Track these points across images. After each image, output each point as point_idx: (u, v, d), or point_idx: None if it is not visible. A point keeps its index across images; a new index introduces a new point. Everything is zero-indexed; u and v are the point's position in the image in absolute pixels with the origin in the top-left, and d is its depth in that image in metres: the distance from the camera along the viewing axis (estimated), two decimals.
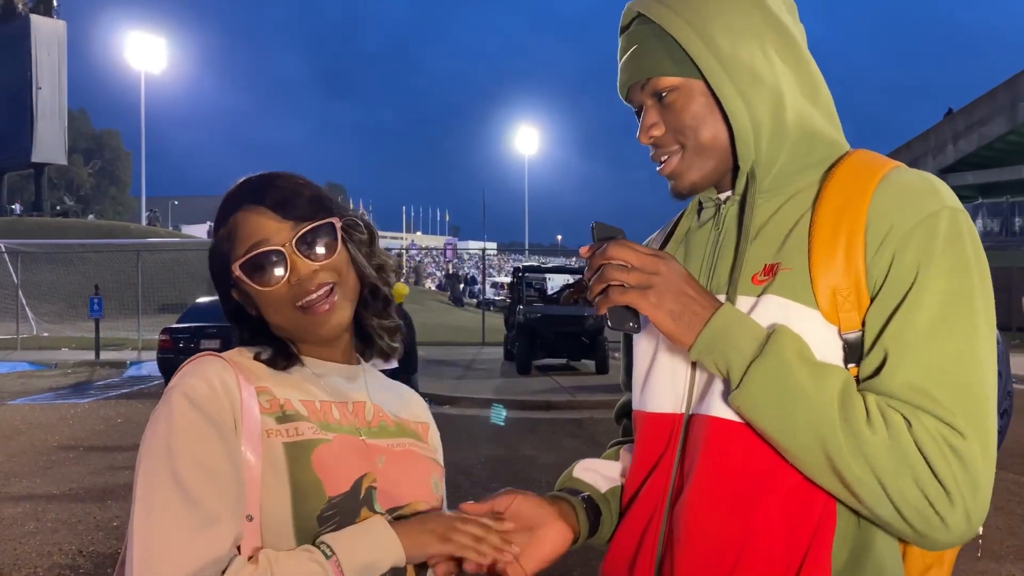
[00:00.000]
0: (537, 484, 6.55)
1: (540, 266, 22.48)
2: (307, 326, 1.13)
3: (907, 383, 0.95)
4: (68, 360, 17.56)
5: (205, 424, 1.02)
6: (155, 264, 23.68)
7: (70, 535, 5.43)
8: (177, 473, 0.98)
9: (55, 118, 46.05)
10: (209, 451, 1.01)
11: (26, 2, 48.14)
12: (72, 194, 69.33)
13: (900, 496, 0.93)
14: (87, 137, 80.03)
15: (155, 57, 55.43)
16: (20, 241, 25.69)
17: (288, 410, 1.10)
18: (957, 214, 1.01)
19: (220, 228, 1.16)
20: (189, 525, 0.96)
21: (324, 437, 1.09)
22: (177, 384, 1.06)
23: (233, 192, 1.16)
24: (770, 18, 1.09)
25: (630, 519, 1.15)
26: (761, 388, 0.97)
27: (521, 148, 77.62)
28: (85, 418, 10.01)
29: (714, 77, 1.07)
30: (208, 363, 1.08)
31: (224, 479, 1.00)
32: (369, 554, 1.02)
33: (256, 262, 1.11)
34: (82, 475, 7.10)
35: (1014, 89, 23.25)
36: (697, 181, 1.13)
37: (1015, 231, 23.46)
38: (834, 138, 1.12)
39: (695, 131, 1.10)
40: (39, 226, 37.35)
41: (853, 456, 0.93)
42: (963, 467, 0.92)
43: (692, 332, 1.02)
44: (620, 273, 1.02)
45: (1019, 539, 5.14)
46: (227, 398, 1.05)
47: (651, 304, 1.02)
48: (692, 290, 1.03)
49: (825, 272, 1.01)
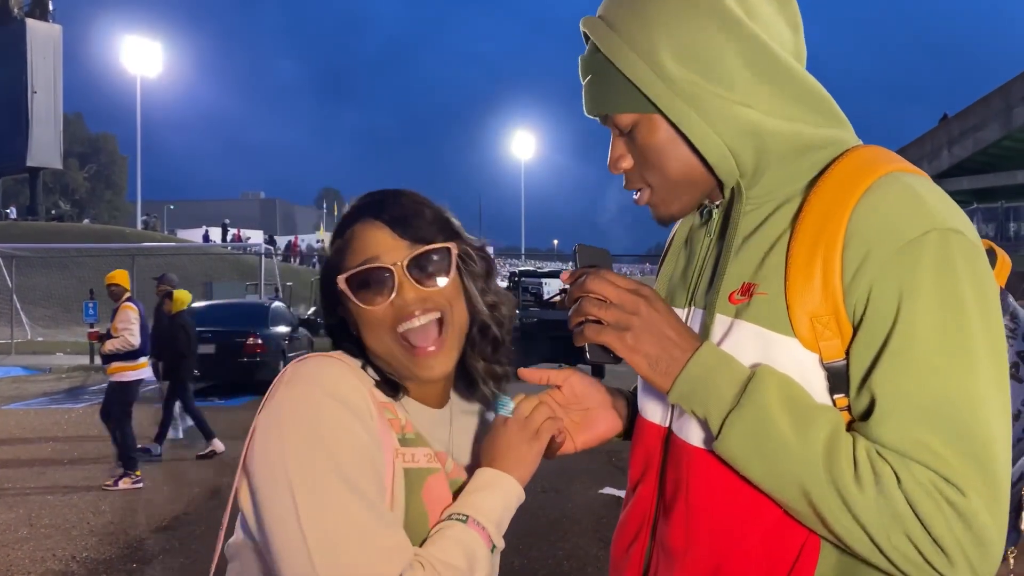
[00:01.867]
0: (533, 488, 6.53)
1: (536, 270, 22.48)
2: (407, 363, 1.07)
3: (898, 431, 0.87)
4: (62, 365, 17.51)
5: (360, 426, 0.98)
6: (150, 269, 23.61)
7: (64, 540, 5.40)
8: (350, 477, 0.94)
9: (50, 122, 45.97)
10: (370, 453, 0.98)
11: (22, 6, 48.08)
12: (67, 198, 69.21)
13: (894, 552, 0.87)
14: (83, 141, 79.83)
15: (151, 61, 55.48)
16: (15, 245, 25.58)
17: (408, 433, 1.07)
18: (948, 235, 0.90)
19: (336, 239, 1.12)
20: (376, 530, 0.93)
21: (435, 466, 1.07)
22: (314, 380, 1.00)
23: (356, 204, 1.13)
24: (730, 25, 0.97)
25: (624, 527, 1.14)
26: (741, 439, 0.92)
27: (518, 152, 77.75)
28: (79, 423, 9.97)
29: (671, 108, 0.98)
30: (341, 366, 1.04)
31: (383, 486, 0.99)
32: (499, 503, 1.04)
33: (363, 278, 1.06)
34: (76, 480, 7.07)
35: (1008, 95, 23.33)
36: (676, 211, 1.08)
37: (1010, 236, 23.54)
38: (829, 137, 1.02)
39: (661, 168, 1.03)
40: (34, 230, 37.25)
41: (840, 512, 0.88)
42: (963, 523, 0.84)
43: (669, 378, 0.97)
44: (598, 309, 0.97)
45: None
46: (364, 402, 1.02)
47: (627, 347, 0.97)
48: (671, 331, 0.97)
49: (802, 298, 0.94)
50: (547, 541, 5.35)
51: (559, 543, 5.31)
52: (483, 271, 1.16)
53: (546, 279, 17.96)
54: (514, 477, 1.06)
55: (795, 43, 1.05)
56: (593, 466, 7.17)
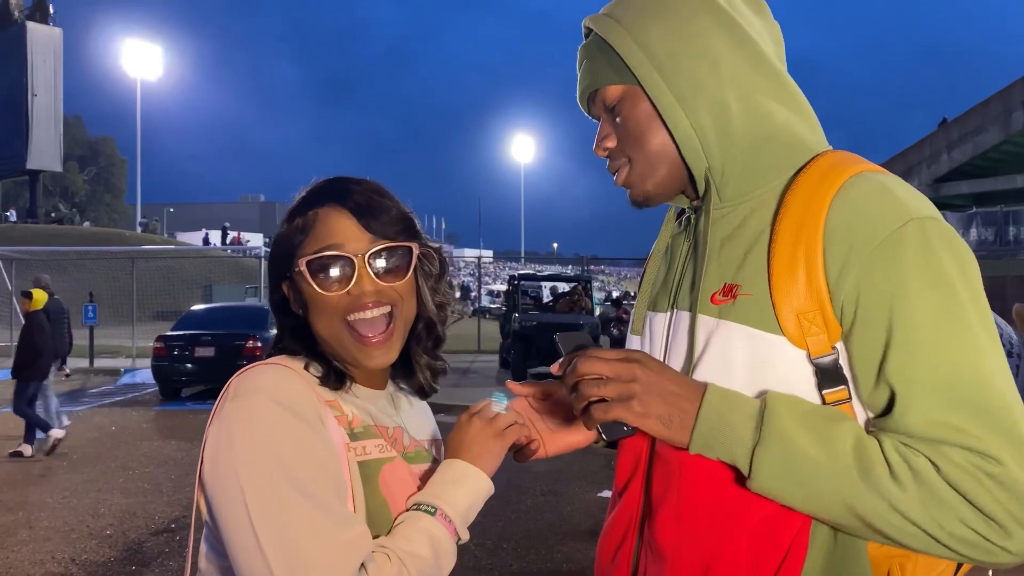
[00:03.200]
0: (532, 492, 6.55)
1: (536, 274, 22.49)
2: (353, 351, 1.09)
3: (922, 418, 0.90)
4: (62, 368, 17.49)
5: (307, 428, 0.99)
6: (150, 271, 23.64)
7: (63, 543, 5.40)
8: (299, 481, 0.95)
9: (50, 125, 46.02)
10: (321, 455, 0.98)
11: (22, 9, 48.14)
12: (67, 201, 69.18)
13: (950, 539, 0.88)
14: (82, 144, 79.90)
15: (151, 64, 55.54)
16: (14, 248, 25.57)
17: (356, 427, 1.07)
18: (925, 223, 0.95)
19: (296, 217, 1.12)
20: (331, 529, 0.94)
21: (389, 455, 1.08)
22: (258, 390, 1.00)
23: (322, 186, 1.13)
24: (721, 19, 1.05)
25: (610, 531, 1.15)
26: (773, 473, 0.92)
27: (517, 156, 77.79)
28: (79, 426, 9.95)
29: (649, 83, 1.05)
30: (282, 371, 1.05)
31: (340, 483, 1.00)
32: (467, 496, 1.06)
33: (324, 263, 1.07)
34: (75, 483, 7.06)
35: (1007, 99, 23.35)
36: (651, 190, 1.11)
37: (1009, 240, 23.54)
38: (802, 139, 1.06)
39: (640, 140, 1.08)
40: (34, 233, 37.27)
41: (888, 514, 0.89)
42: (1007, 492, 0.86)
43: (686, 432, 0.96)
44: (598, 388, 0.97)
45: None
46: (312, 406, 1.02)
47: (637, 414, 0.96)
48: (673, 384, 0.98)
49: (787, 296, 0.97)
50: (545, 544, 5.36)
51: (557, 546, 5.31)
52: (437, 272, 1.20)
53: (545, 283, 17.95)
54: (483, 469, 1.08)
55: (777, 54, 1.10)
56: (591, 469, 7.18)
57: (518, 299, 16.26)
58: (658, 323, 1.14)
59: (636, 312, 1.21)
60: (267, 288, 1.19)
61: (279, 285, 1.14)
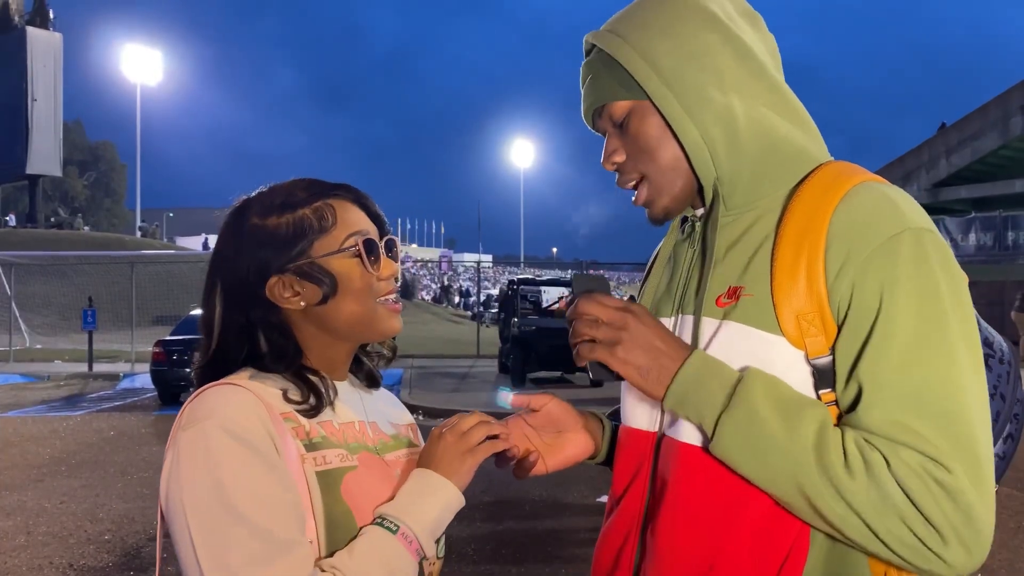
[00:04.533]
0: (530, 497, 6.55)
1: (535, 278, 22.50)
2: (387, 321, 1.15)
3: (884, 417, 0.92)
4: (61, 372, 17.50)
5: (251, 454, 0.99)
6: (149, 276, 23.64)
7: (61, 548, 5.39)
8: (237, 508, 0.95)
9: (50, 130, 46.06)
10: (262, 480, 0.98)
11: (22, 14, 48.25)
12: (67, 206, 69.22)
13: (888, 535, 0.90)
14: (82, 149, 79.97)
15: (151, 69, 55.63)
16: (14, 253, 25.61)
17: (314, 437, 1.07)
18: (922, 234, 0.98)
19: (301, 207, 1.11)
20: (268, 557, 0.94)
21: (350, 464, 1.08)
22: (205, 417, 1.01)
23: (322, 182, 1.16)
24: (723, 33, 1.08)
25: (609, 535, 1.16)
26: (733, 440, 0.96)
27: (517, 161, 77.90)
28: (77, 431, 9.96)
29: (659, 96, 1.07)
30: (231, 392, 1.04)
31: (284, 506, 0.98)
32: (435, 510, 1.05)
33: (371, 245, 1.13)
34: (74, 488, 7.06)
35: (1005, 104, 23.41)
36: (669, 205, 1.13)
37: (1008, 245, 23.57)
38: (805, 149, 1.09)
39: (652, 154, 1.10)
40: (33, 238, 37.31)
41: (834, 500, 0.91)
42: (951, 501, 0.89)
43: (661, 386, 1.02)
44: (590, 329, 1.03)
45: (1011, 552, 5.13)
46: (263, 426, 1.02)
47: (619, 360, 1.02)
48: (660, 342, 1.03)
49: (788, 297, 0.99)
50: (544, 550, 5.35)
51: (556, 551, 5.31)
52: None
53: (545, 287, 17.96)
54: (456, 483, 1.07)
55: (775, 66, 1.13)
56: (591, 474, 7.17)
57: (516, 304, 16.25)
58: None
59: None
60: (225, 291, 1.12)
61: (263, 281, 1.10)
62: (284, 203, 1.12)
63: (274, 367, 1.11)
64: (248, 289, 1.11)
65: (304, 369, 1.12)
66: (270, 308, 1.11)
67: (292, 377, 1.11)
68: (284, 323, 1.12)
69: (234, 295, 1.12)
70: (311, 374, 1.12)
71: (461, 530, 5.61)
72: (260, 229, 1.12)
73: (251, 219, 1.13)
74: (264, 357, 1.11)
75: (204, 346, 1.14)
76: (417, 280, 51.05)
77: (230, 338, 1.12)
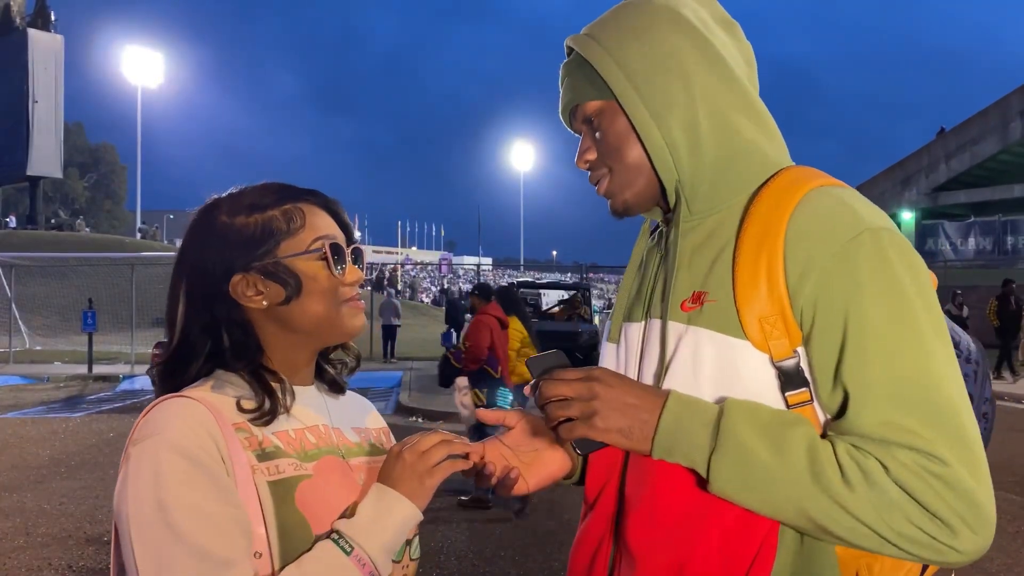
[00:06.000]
0: (529, 500, 6.55)
1: (535, 281, 22.46)
2: (349, 319, 1.15)
3: (874, 420, 0.94)
4: (60, 374, 17.49)
5: (195, 470, 0.99)
6: (149, 278, 23.60)
7: (60, 550, 5.39)
8: (176, 527, 0.96)
9: (51, 132, 46.05)
10: (205, 497, 0.98)
11: (24, 16, 48.28)
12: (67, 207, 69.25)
13: (900, 538, 0.91)
14: (83, 151, 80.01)
15: (152, 72, 55.63)
16: (14, 254, 25.59)
17: (267, 447, 1.07)
18: (880, 233, 0.99)
19: (270, 208, 1.13)
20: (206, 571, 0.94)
21: (305, 473, 1.08)
22: (154, 433, 1.01)
23: (293, 187, 1.18)
24: (695, 39, 1.10)
25: (583, 539, 1.17)
26: (728, 478, 0.96)
27: (516, 164, 77.89)
28: (77, 432, 9.96)
29: (626, 99, 1.09)
30: (181, 405, 1.04)
31: (227, 522, 0.98)
32: (391, 530, 1.04)
33: (338, 249, 1.13)
34: (73, 489, 7.05)
35: (1005, 109, 23.44)
36: (629, 199, 1.15)
37: (1007, 249, 23.58)
38: (767, 155, 1.11)
39: (619, 152, 1.13)
40: (33, 239, 37.28)
41: (840, 516, 0.92)
42: (953, 492, 0.90)
43: (646, 441, 1.01)
44: (561, 410, 1.03)
45: (1009, 556, 5.15)
46: (211, 440, 1.02)
47: (600, 431, 1.02)
48: (633, 398, 1.03)
49: (750, 302, 1.01)
50: (542, 552, 5.35)
51: (554, 554, 5.31)
52: None
53: (544, 290, 17.96)
54: (416, 503, 1.07)
55: (749, 74, 1.15)
56: None
57: None
58: (633, 332, 1.18)
59: (613, 322, 1.24)
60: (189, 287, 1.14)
61: (227, 279, 1.11)
62: (253, 204, 1.13)
63: (234, 364, 1.12)
64: (212, 286, 1.12)
65: (263, 369, 1.12)
66: (233, 306, 1.12)
67: (250, 377, 1.11)
68: (246, 321, 1.13)
69: (198, 291, 1.13)
70: (270, 375, 1.12)
71: (460, 533, 5.61)
72: (228, 227, 1.13)
73: (220, 217, 1.14)
74: (225, 353, 1.12)
75: (167, 341, 1.15)
76: (417, 282, 51.01)
77: (193, 334, 1.12)
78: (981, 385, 1.15)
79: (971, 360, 1.15)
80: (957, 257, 24.31)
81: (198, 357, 1.12)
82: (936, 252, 24.07)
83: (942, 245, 24.68)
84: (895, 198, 25.36)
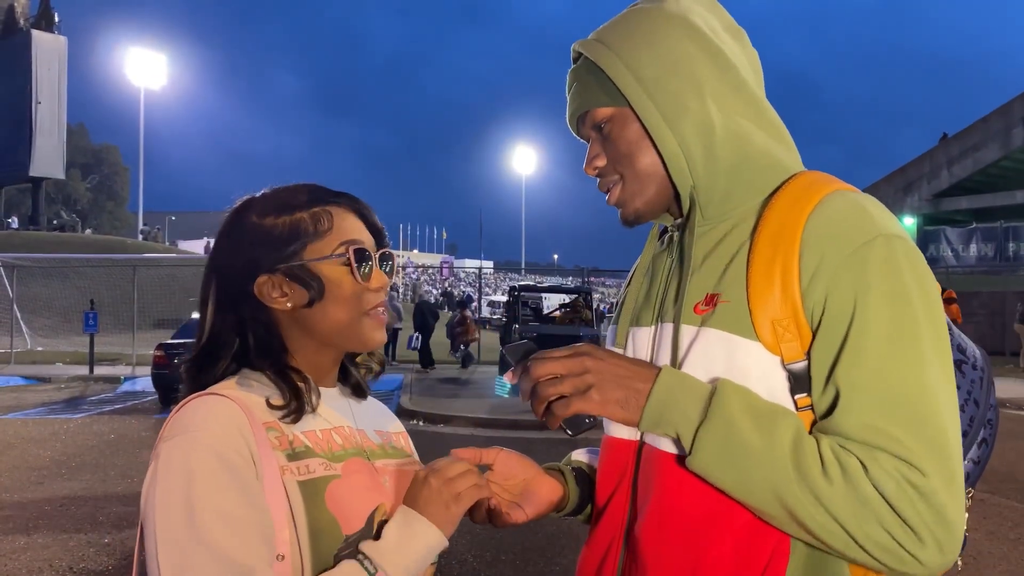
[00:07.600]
0: None
1: (536, 285, 22.48)
2: (370, 331, 1.14)
3: (860, 422, 0.94)
4: (62, 375, 17.49)
5: (227, 472, 0.99)
6: (151, 279, 23.64)
7: (61, 551, 5.39)
8: (202, 528, 0.95)
9: (54, 133, 46.18)
10: (233, 500, 0.98)
11: (27, 17, 48.40)
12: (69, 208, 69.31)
13: (867, 540, 0.91)
14: (85, 152, 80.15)
15: (155, 73, 55.69)
16: (16, 255, 25.61)
17: (297, 447, 1.08)
18: (893, 240, 0.99)
19: (299, 210, 1.13)
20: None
21: (334, 472, 1.09)
22: (186, 431, 1.01)
23: (323, 189, 1.18)
24: (705, 46, 1.10)
25: (592, 544, 1.17)
26: (711, 453, 0.96)
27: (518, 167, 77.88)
28: (78, 433, 9.96)
29: (639, 105, 1.09)
30: (214, 403, 1.04)
31: (251, 528, 0.98)
32: (416, 556, 1.04)
33: (363, 254, 1.13)
34: (74, 491, 7.05)
35: (1007, 116, 23.44)
36: (641, 208, 1.15)
37: (1009, 256, 23.56)
38: (780, 160, 1.11)
39: (631, 159, 1.12)
40: (35, 240, 37.34)
41: (813, 507, 0.92)
42: (927, 504, 0.90)
43: (638, 411, 1.01)
44: (554, 387, 1.02)
45: (1011, 563, 5.13)
46: (243, 440, 1.02)
47: (597, 403, 1.01)
48: (625, 370, 1.03)
49: (763, 304, 1.01)
50: (544, 556, 5.35)
51: (556, 558, 5.30)
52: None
53: (546, 294, 17.97)
54: (443, 531, 1.06)
55: (756, 80, 1.15)
56: None
57: (518, 310, 16.26)
58: (642, 337, 1.17)
59: (619, 328, 1.23)
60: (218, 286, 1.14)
61: (253, 279, 1.12)
62: (283, 205, 1.14)
63: (260, 363, 1.12)
64: (239, 285, 1.13)
65: (288, 368, 1.13)
66: (259, 306, 1.13)
67: (275, 377, 1.11)
68: (271, 322, 1.14)
69: (226, 291, 1.14)
70: (295, 374, 1.13)
71: (461, 537, 5.61)
72: (257, 228, 1.14)
73: (250, 218, 1.15)
74: (250, 352, 1.13)
75: (196, 338, 1.16)
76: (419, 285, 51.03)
77: (220, 333, 1.14)
78: (987, 391, 1.15)
79: (977, 366, 1.14)
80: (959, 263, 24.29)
81: (226, 355, 1.13)
82: (938, 258, 24.05)
83: (944, 251, 24.67)
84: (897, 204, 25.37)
